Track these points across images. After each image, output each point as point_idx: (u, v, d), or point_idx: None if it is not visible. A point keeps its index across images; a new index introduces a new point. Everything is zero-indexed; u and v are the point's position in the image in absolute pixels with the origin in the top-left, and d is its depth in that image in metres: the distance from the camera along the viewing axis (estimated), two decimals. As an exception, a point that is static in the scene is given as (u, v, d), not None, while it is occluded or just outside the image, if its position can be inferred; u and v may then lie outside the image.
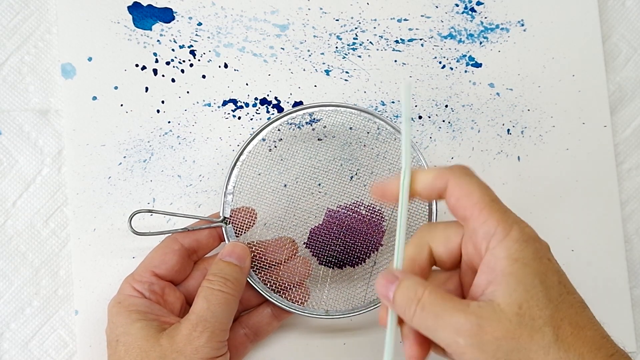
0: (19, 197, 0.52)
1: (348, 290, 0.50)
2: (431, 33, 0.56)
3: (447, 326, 0.38)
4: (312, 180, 0.51)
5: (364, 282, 0.50)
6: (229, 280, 0.45)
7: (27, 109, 0.53)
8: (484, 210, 0.39)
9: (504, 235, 0.39)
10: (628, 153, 0.57)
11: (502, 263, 0.39)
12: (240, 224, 0.49)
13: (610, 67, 0.57)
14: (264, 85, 0.54)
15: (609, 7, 0.58)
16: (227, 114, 0.54)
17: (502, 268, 0.38)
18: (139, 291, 0.46)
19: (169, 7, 0.54)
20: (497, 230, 0.39)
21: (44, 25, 0.53)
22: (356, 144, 0.52)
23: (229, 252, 0.47)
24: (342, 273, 0.51)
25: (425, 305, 0.39)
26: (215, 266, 0.46)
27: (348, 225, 0.50)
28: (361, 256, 0.50)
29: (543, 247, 0.40)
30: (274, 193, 0.50)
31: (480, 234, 0.39)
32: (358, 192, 0.50)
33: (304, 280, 0.49)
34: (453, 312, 0.38)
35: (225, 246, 0.47)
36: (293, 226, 0.50)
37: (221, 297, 0.44)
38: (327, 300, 0.50)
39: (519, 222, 0.39)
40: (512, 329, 0.38)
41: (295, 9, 0.55)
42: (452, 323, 0.38)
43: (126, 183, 0.53)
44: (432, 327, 0.39)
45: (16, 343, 0.51)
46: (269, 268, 0.49)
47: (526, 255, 0.39)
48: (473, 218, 0.39)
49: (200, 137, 0.53)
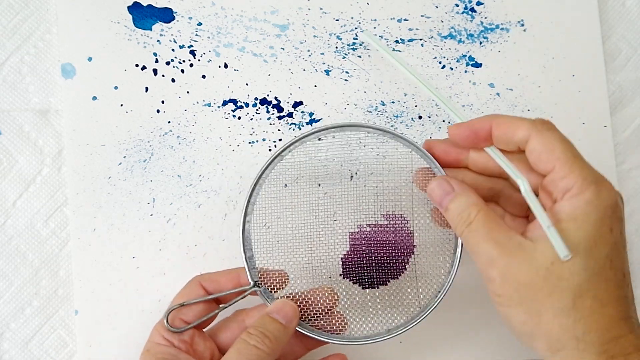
0: (19, 197, 0.52)
1: (401, 301, 0.49)
2: (431, 33, 0.56)
3: (484, 254, 0.40)
4: (323, 206, 0.49)
5: (413, 288, 0.49)
6: (267, 338, 0.43)
7: (27, 109, 0.53)
8: (565, 166, 0.40)
9: (577, 193, 0.39)
10: (628, 153, 0.57)
11: (562, 218, 0.39)
12: (272, 283, 0.47)
13: (610, 67, 0.57)
14: (264, 85, 0.54)
15: (609, 7, 0.58)
16: (227, 114, 0.54)
17: (560, 222, 0.39)
18: (168, 340, 0.45)
19: (169, 7, 0.54)
20: (574, 187, 0.39)
21: (44, 25, 0.53)
22: (356, 144, 0.52)
23: (278, 309, 0.45)
24: (389, 288, 0.49)
25: (473, 227, 0.41)
26: (260, 321, 0.44)
27: (375, 240, 0.48)
28: (400, 265, 0.48)
29: (613, 215, 0.40)
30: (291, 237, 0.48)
31: (559, 187, 0.40)
32: (365, 194, 0.49)
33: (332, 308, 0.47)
34: (493, 245, 0.40)
35: (276, 302, 0.45)
36: (321, 262, 0.48)
37: (254, 354, 0.42)
38: (384, 320, 0.48)
39: (599, 183, 0.40)
40: (536, 280, 0.39)
41: (295, 9, 0.55)
42: (489, 253, 0.40)
43: (126, 183, 0.53)
44: (474, 250, 0.41)
45: (16, 343, 0.51)
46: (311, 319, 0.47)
47: (588, 218, 0.39)
48: (554, 172, 0.40)
49: (200, 137, 0.53)
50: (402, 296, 0.48)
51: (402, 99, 0.55)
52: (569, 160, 0.40)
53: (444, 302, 0.52)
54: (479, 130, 0.43)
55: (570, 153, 0.40)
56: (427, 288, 0.48)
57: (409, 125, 0.55)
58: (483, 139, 0.43)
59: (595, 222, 0.39)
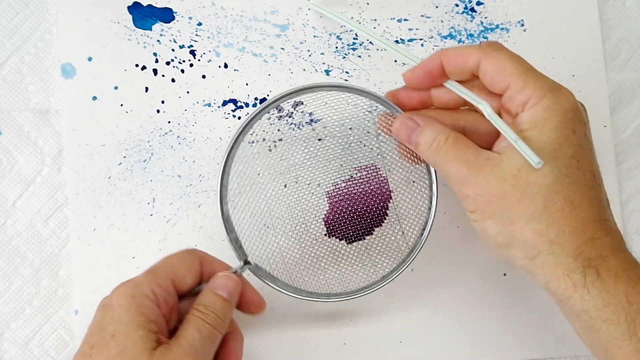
0: (19, 197, 0.52)
1: (389, 246, 0.50)
2: (431, 33, 0.56)
3: (455, 174, 0.41)
4: (311, 178, 0.51)
5: (397, 231, 0.50)
6: (219, 317, 0.43)
7: (27, 109, 0.53)
8: (519, 80, 0.40)
9: (535, 103, 0.40)
10: (628, 153, 0.57)
11: (524, 128, 0.40)
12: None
13: (610, 67, 0.57)
14: (264, 85, 0.54)
15: (609, 7, 0.58)
16: (227, 114, 0.54)
17: (522, 131, 0.40)
18: (157, 296, 0.42)
19: (169, 7, 0.54)
20: (531, 98, 0.40)
21: (44, 25, 0.53)
22: (356, 144, 0.52)
23: (222, 285, 0.44)
24: (375, 237, 0.51)
25: (443, 151, 0.42)
26: (207, 298, 0.43)
27: (352, 194, 0.50)
28: (381, 212, 0.50)
29: (574, 117, 0.40)
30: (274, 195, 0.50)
31: (517, 102, 0.40)
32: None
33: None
34: (463, 164, 0.41)
35: (219, 276, 0.44)
36: (304, 227, 0.50)
37: (212, 333, 0.42)
38: (377, 269, 0.50)
39: (555, 90, 0.40)
40: (504, 189, 0.39)
41: (295, 9, 0.55)
42: (460, 173, 0.41)
43: (126, 183, 0.53)
44: (447, 173, 0.42)
45: (16, 343, 0.51)
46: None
47: (548, 123, 0.39)
48: (510, 89, 0.41)
49: (200, 137, 0.53)
50: (389, 241, 0.50)
51: (402, 99, 0.55)
52: (522, 74, 0.40)
53: (444, 302, 0.52)
54: (432, 69, 0.44)
55: (522, 67, 0.41)
56: (411, 228, 0.49)
57: (409, 125, 0.55)
58: (438, 75, 0.44)
59: (556, 125, 0.39)
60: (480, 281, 0.54)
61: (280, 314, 0.52)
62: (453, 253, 0.54)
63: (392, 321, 0.53)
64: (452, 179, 0.42)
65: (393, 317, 0.53)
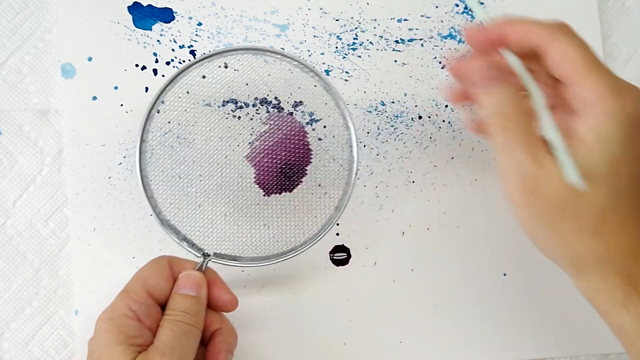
0: (19, 197, 0.52)
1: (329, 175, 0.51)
2: (431, 33, 0.56)
3: (513, 159, 0.37)
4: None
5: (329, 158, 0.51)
6: (189, 314, 0.44)
7: (27, 109, 0.53)
8: (583, 76, 0.37)
9: (598, 107, 0.37)
10: (628, 153, 0.56)
11: (584, 135, 0.37)
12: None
13: (610, 67, 0.57)
14: (264, 85, 0.54)
15: (609, 7, 0.58)
16: (227, 114, 0.54)
17: (582, 138, 0.37)
18: (136, 312, 0.43)
19: (169, 7, 0.54)
20: (594, 99, 0.37)
21: (44, 25, 0.53)
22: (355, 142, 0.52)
23: (184, 284, 0.45)
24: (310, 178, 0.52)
25: (509, 127, 0.37)
26: (173, 301, 0.44)
27: (271, 147, 0.51)
28: (306, 155, 0.51)
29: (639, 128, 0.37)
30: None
31: (576, 99, 0.38)
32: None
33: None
34: (526, 153, 0.37)
35: (180, 277, 0.45)
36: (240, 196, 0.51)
37: (185, 328, 0.43)
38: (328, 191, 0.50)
39: (624, 96, 0.37)
40: (562, 200, 0.37)
41: (295, 9, 0.55)
42: (520, 161, 0.37)
43: (126, 183, 0.53)
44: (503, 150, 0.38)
45: (16, 343, 0.51)
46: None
47: (611, 134, 0.36)
48: (573, 83, 0.37)
49: (200, 137, 0.53)
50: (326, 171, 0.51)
51: (402, 99, 0.55)
52: (586, 69, 0.37)
53: (444, 302, 0.52)
54: (494, 35, 0.40)
55: (589, 60, 0.37)
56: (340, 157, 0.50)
57: (409, 125, 0.55)
58: (498, 43, 0.40)
59: (621, 139, 0.36)
60: (480, 281, 0.54)
61: (280, 314, 0.52)
62: (453, 253, 0.54)
63: (392, 321, 0.53)
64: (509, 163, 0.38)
65: (393, 317, 0.53)
